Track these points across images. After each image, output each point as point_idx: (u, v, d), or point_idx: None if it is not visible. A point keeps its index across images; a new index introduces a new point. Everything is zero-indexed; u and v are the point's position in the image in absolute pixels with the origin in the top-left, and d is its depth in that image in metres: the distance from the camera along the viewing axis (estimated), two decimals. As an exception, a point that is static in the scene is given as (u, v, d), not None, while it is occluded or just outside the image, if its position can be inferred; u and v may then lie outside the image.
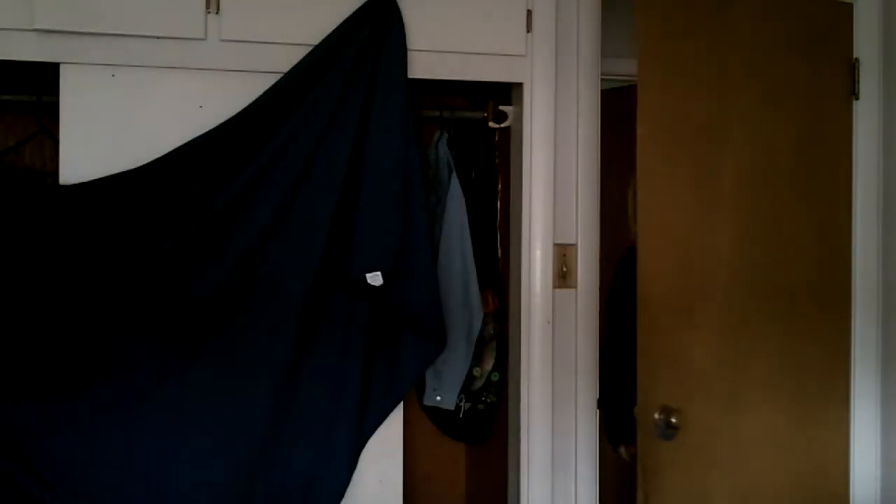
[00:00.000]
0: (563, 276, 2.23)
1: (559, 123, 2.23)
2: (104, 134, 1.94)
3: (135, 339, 1.91)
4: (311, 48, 2.00)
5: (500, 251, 2.46)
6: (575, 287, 2.24)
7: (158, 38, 1.96)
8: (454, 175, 2.33)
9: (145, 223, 1.91)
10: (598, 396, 2.28)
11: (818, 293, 2.30)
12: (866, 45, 2.35)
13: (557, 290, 2.23)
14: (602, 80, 2.30)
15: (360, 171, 2.02)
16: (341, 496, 2.04)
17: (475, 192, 2.42)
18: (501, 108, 2.32)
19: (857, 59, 2.34)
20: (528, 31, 2.19)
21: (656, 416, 2.07)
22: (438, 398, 2.38)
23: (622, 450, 2.53)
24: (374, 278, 2.01)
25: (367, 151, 2.02)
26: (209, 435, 1.95)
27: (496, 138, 2.43)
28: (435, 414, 2.50)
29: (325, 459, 2.02)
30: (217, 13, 1.98)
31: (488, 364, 2.43)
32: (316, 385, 2.01)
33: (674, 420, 2.05)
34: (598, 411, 2.29)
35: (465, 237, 2.32)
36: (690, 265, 2.15)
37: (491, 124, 2.36)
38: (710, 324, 2.16)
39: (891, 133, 2.32)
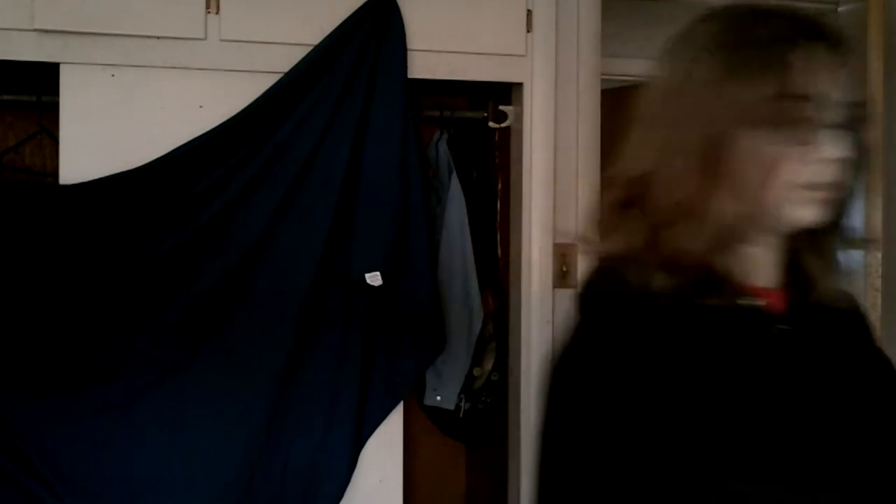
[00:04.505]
0: (562, 275, 2.23)
1: (559, 123, 2.23)
2: (104, 134, 1.94)
3: (134, 338, 1.91)
4: (310, 48, 2.00)
5: (500, 251, 2.46)
6: (575, 287, 2.24)
7: (158, 38, 1.96)
8: (454, 175, 2.33)
9: (146, 223, 1.91)
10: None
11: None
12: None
13: (557, 290, 2.23)
14: (602, 79, 2.30)
15: (359, 171, 2.02)
16: (341, 496, 2.04)
17: (475, 192, 2.42)
18: (501, 108, 2.31)
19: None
20: (528, 31, 2.19)
21: None
22: (438, 398, 2.37)
23: None
24: (374, 278, 2.01)
25: (367, 151, 2.02)
26: (208, 434, 1.95)
27: (496, 138, 2.43)
28: (435, 414, 2.49)
29: (324, 459, 2.02)
30: (217, 13, 1.98)
31: (488, 364, 2.43)
32: (315, 384, 2.01)
33: None
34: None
35: (465, 237, 2.31)
36: None
37: (491, 124, 2.36)
38: None
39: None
